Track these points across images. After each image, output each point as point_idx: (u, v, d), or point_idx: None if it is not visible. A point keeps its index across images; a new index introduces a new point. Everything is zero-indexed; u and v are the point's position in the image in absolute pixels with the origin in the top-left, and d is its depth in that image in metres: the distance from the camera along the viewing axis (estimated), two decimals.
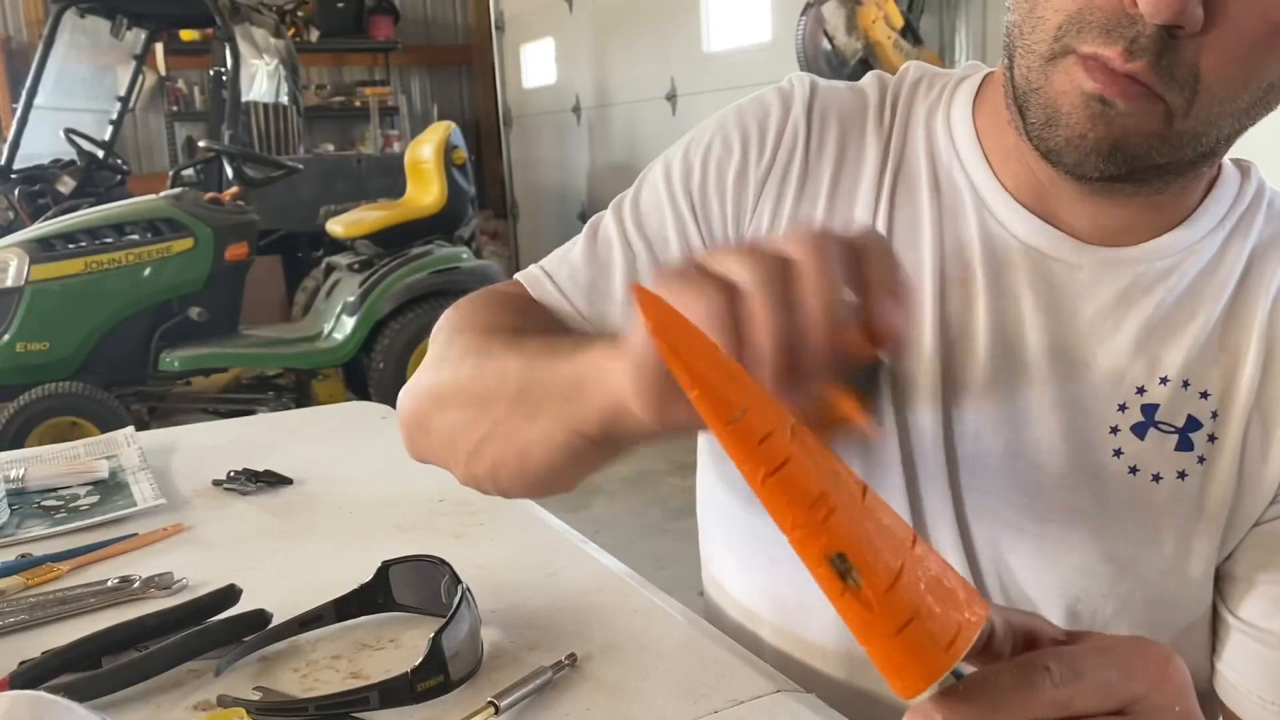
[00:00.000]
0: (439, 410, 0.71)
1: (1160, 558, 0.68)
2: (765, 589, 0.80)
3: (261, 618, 0.75)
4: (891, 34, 3.44)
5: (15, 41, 6.53)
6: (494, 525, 0.97)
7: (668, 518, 3.16)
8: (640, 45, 5.35)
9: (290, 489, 1.09)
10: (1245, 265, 0.69)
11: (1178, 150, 0.61)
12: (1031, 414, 0.69)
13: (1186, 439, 0.68)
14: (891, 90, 0.77)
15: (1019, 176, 0.70)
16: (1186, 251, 0.69)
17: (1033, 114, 0.62)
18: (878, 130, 0.75)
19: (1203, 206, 0.70)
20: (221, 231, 3.94)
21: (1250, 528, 0.69)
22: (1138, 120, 0.59)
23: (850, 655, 0.76)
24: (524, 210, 7.03)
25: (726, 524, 0.83)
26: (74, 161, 4.72)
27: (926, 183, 0.73)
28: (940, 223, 0.72)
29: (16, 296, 3.61)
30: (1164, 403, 0.68)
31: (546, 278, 0.80)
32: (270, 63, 5.16)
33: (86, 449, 1.22)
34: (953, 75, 0.77)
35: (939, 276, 0.71)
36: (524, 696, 0.66)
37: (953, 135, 0.73)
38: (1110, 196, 0.67)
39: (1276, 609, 0.67)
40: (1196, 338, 0.68)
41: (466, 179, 4.48)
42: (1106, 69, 0.57)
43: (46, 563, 0.89)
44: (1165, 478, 0.68)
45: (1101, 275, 0.69)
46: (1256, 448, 0.67)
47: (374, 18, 7.12)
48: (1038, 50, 0.61)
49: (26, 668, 0.68)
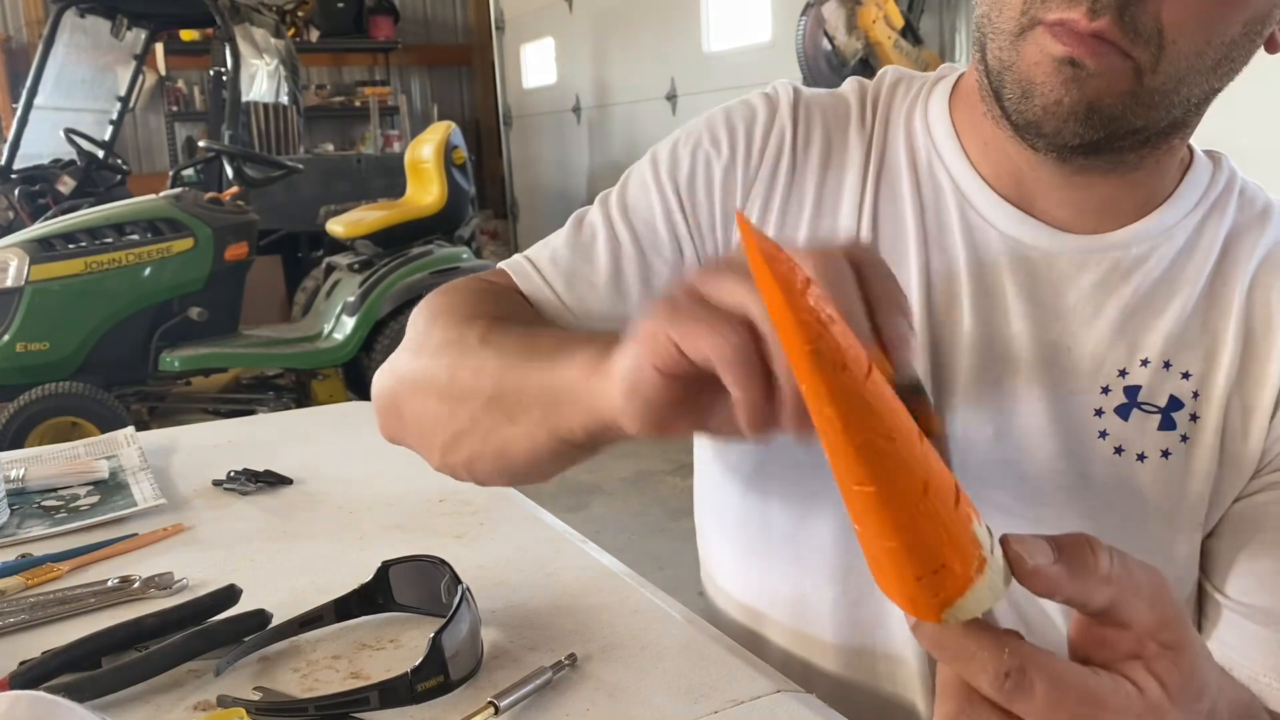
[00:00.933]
0: (414, 398, 0.72)
1: (1147, 536, 0.70)
2: (763, 586, 0.81)
3: (261, 618, 0.75)
4: (892, 34, 3.45)
5: (15, 41, 6.53)
6: (494, 525, 0.97)
7: (668, 518, 3.16)
8: (640, 45, 5.35)
9: (290, 489, 1.09)
10: (1221, 249, 0.71)
11: (1151, 110, 0.63)
12: (1018, 400, 0.71)
13: (1169, 418, 0.70)
14: (871, 93, 0.80)
15: (998, 168, 0.72)
16: (1163, 236, 0.71)
17: (1009, 90, 0.64)
18: (860, 133, 0.77)
19: (1177, 192, 0.72)
20: (221, 231, 3.94)
21: (1231, 503, 0.71)
22: (1109, 80, 0.61)
23: (849, 648, 0.77)
24: (524, 210, 7.03)
25: (724, 521, 0.84)
26: (74, 161, 4.72)
27: (908, 180, 0.75)
28: (923, 218, 0.74)
29: (16, 296, 3.61)
30: (1146, 384, 0.70)
31: (530, 265, 0.80)
32: (270, 63, 5.15)
33: (86, 449, 1.22)
34: (929, 76, 0.80)
35: (924, 270, 0.73)
36: (524, 696, 0.66)
37: (931, 132, 0.76)
38: (1088, 176, 0.69)
39: (1262, 585, 0.68)
40: (1176, 320, 0.70)
41: (466, 179, 4.48)
42: (1073, 32, 0.60)
43: (46, 563, 0.89)
44: (1150, 457, 0.70)
45: (1081, 262, 0.71)
46: (1237, 426, 0.70)
47: (374, 18, 7.12)
48: (1007, 29, 0.63)
49: (26, 668, 0.68)
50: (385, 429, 0.77)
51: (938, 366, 0.72)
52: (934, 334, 0.72)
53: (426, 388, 0.71)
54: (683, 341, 0.47)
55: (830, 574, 0.76)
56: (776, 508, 0.78)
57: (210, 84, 6.31)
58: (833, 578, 0.76)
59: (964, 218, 0.73)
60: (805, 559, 0.77)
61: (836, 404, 0.36)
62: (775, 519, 0.78)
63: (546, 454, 0.62)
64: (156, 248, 3.80)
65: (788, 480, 0.76)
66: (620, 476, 3.77)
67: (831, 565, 0.76)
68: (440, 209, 4.36)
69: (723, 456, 0.81)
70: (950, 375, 0.72)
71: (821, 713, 0.66)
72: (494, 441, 0.64)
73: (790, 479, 0.76)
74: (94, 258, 3.71)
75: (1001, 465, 0.71)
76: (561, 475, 0.69)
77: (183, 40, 6.44)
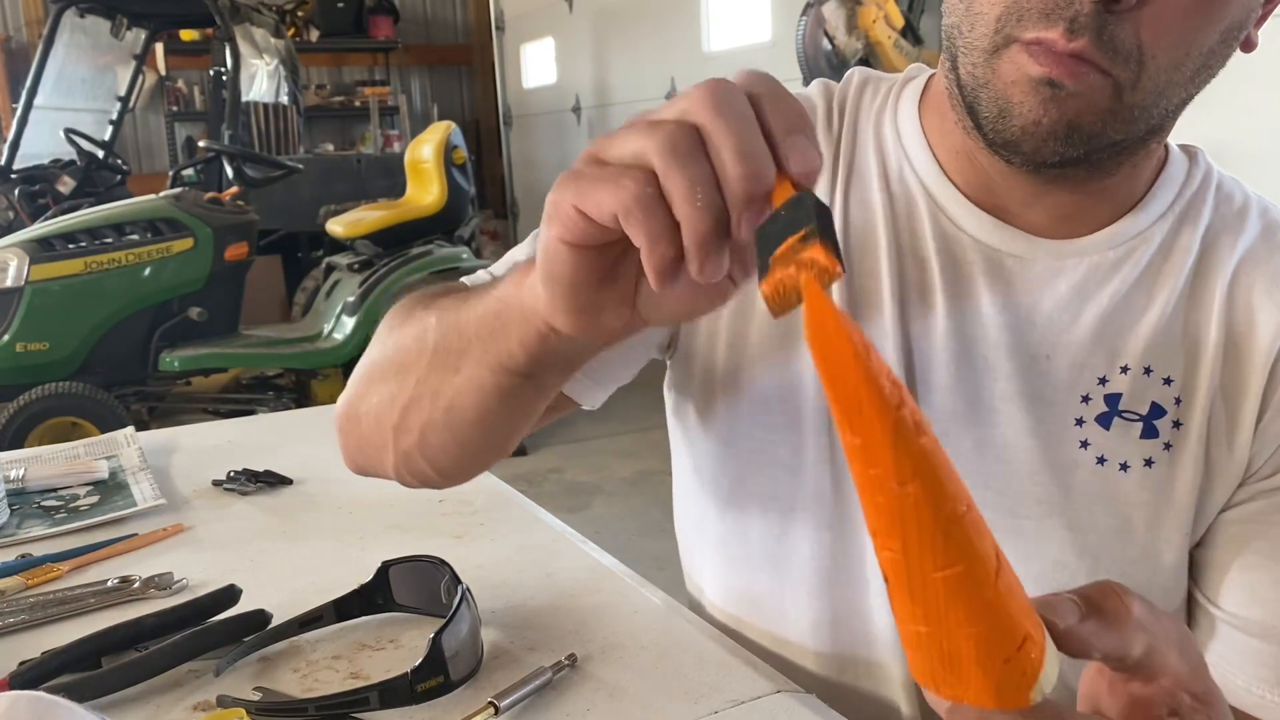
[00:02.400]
0: (366, 392, 0.69)
1: (1133, 546, 0.69)
2: (743, 594, 0.81)
3: (261, 618, 0.75)
4: (892, 34, 3.44)
5: (15, 41, 6.53)
6: (494, 525, 0.97)
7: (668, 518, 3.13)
8: (640, 45, 5.35)
9: (290, 489, 1.09)
10: (1200, 248, 0.70)
11: (1130, 125, 0.62)
12: (997, 411, 0.70)
13: (1151, 426, 0.68)
14: (838, 96, 0.78)
15: (968, 174, 0.71)
16: (1139, 239, 0.70)
17: (985, 109, 0.62)
18: (827, 136, 0.76)
19: (1151, 192, 0.71)
20: (221, 231, 3.93)
21: (1219, 513, 0.70)
22: (1088, 98, 0.59)
23: (829, 653, 0.76)
24: (524, 210, 7.03)
25: (705, 533, 0.83)
26: (74, 161, 4.71)
27: (878, 185, 0.73)
28: (894, 225, 0.72)
29: (16, 296, 3.60)
30: (1126, 391, 0.69)
31: (487, 274, 0.79)
32: (270, 63, 5.15)
33: (86, 449, 1.22)
34: (897, 78, 0.78)
35: (897, 279, 0.71)
36: (524, 697, 0.66)
37: (901, 137, 0.74)
38: (1062, 184, 0.67)
39: (1254, 597, 0.68)
40: (1155, 324, 0.68)
41: (466, 179, 4.48)
42: (1050, 52, 0.58)
43: (46, 563, 0.89)
44: (1132, 466, 0.69)
45: (1056, 268, 0.69)
46: (1222, 432, 0.68)
47: (374, 18, 7.11)
48: (980, 46, 0.62)
49: (26, 668, 0.68)
50: (346, 450, 0.73)
51: (913, 376, 0.71)
52: (909, 343, 0.71)
53: (375, 374, 0.68)
54: (582, 203, 0.45)
55: (812, 587, 0.75)
56: (755, 520, 0.77)
57: (210, 84, 6.30)
58: (815, 590, 0.75)
59: (936, 224, 0.71)
60: (786, 571, 0.76)
61: (922, 478, 0.32)
62: (754, 532, 0.77)
63: (494, 393, 0.59)
64: (156, 248, 3.80)
65: (765, 495, 0.76)
66: (620, 476, 3.77)
67: (813, 578, 0.75)
68: (440, 209, 4.35)
69: (700, 472, 0.81)
70: (927, 386, 0.70)
71: (821, 713, 0.66)
72: (442, 400, 0.61)
73: (768, 493, 0.75)
74: (94, 258, 3.70)
75: (982, 477, 0.70)
76: (561, 475, 0.68)
77: (183, 40, 6.44)
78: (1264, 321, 0.68)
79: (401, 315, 0.69)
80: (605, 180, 0.44)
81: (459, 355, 0.59)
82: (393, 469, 0.69)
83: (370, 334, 0.73)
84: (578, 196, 0.45)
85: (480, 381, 0.59)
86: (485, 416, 0.61)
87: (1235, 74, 0.66)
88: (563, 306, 0.49)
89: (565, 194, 0.46)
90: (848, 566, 0.74)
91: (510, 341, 0.55)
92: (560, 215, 0.46)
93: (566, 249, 0.47)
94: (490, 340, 0.57)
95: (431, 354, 0.61)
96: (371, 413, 0.68)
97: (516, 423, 0.63)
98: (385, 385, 0.66)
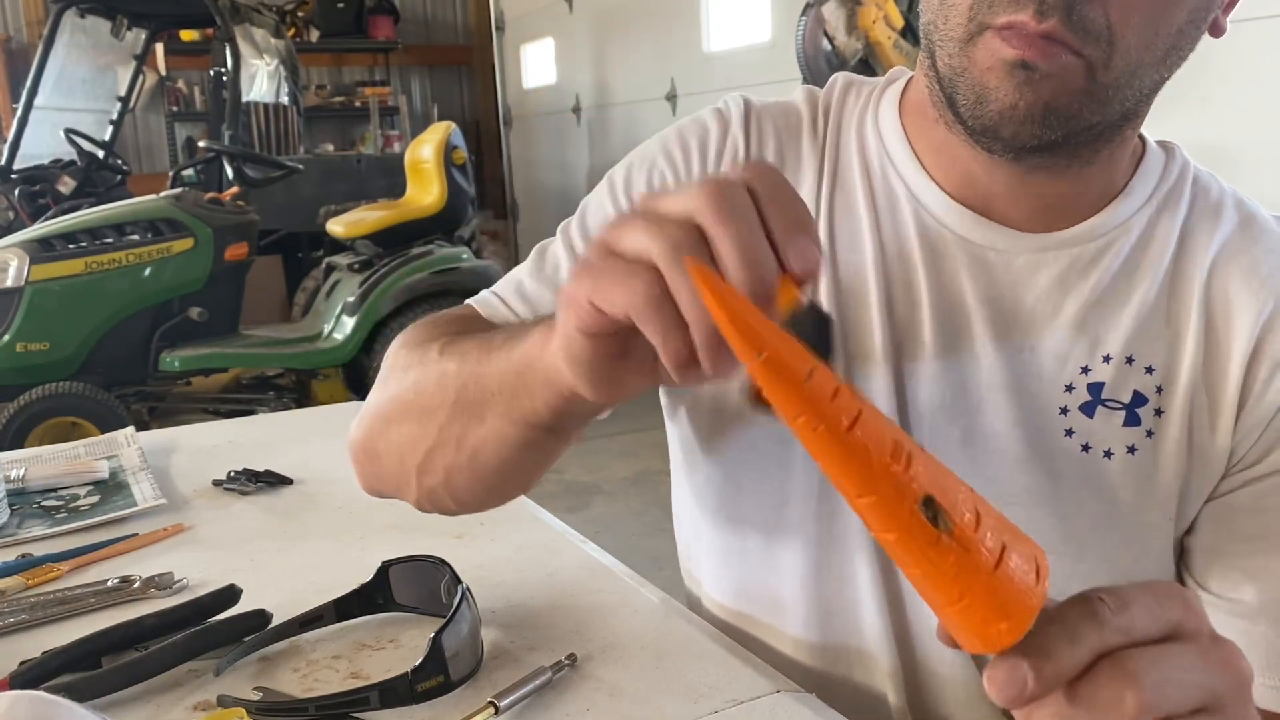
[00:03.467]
0: (385, 430, 0.71)
1: (1119, 532, 0.70)
2: (740, 591, 0.81)
3: (261, 618, 0.75)
4: (892, 34, 3.44)
5: (15, 41, 6.53)
6: (494, 525, 0.97)
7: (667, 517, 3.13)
8: (640, 45, 5.35)
9: (290, 489, 1.09)
10: (1178, 240, 0.71)
11: (1105, 106, 0.63)
12: (984, 402, 0.71)
13: (1134, 414, 0.70)
14: (823, 102, 0.80)
15: (950, 171, 0.72)
16: (1119, 230, 0.71)
17: (962, 96, 0.64)
18: (813, 142, 0.77)
19: (1130, 185, 0.72)
20: (221, 231, 3.94)
21: (1206, 501, 0.71)
22: (1062, 79, 0.61)
23: (826, 647, 0.77)
24: (524, 210, 7.03)
25: (699, 528, 0.84)
26: (74, 161, 4.71)
27: (861, 188, 0.75)
28: (879, 226, 0.74)
29: (16, 296, 3.61)
30: (1109, 380, 0.70)
31: (496, 298, 0.80)
32: (270, 63, 5.15)
33: (86, 449, 1.22)
34: (879, 82, 0.80)
35: (883, 278, 0.73)
36: (524, 696, 0.66)
37: (883, 138, 0.76)
38: (1042, 175, 0.69)
39: (1245, 578, 0.69)
40: (1136, 314, 0.70)
41: (466, 179, 4.48)
42: (1022, 34, 0.60)
43: (46, 563, 0.89)
44: (1116, 454, 0.70)
45: (1038, 261, 0.71)
46: (1204, 419, 0.70)
47: (374, 18, 7.11)
48: (955, 36, 0.63)
49: (26, 668, 0.68)
50: (363, 477, 0.75)
51: (901, 369, 0.72)
52: (896, 339, 0.72)
53: (393, 414, 0.70)
54: (597, 299, 0.46)
55: (804, 580, 0.76)
56: (749, 516, 0.78)
57: (210, 84, 6.30)
58: (806, 583, 0.76)
59: (920, 223, 0.73)
60: (779, 566, 0.77)
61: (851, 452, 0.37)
62: (748, 527, 0.78)
63: (518, 445, 0.61)
64: (156, 248, 3.80)
65: (758, 492, 0.77)
66: (620, 476, 3.77)
67: (804, 571, 0.76)
68: (440, 209, 4.36)
69: (696, 471, 0.82)
70: (914, 378, 0.72)
71: (822, 713, 0.66)
72: (466, 448, 0.64)
73: (760, 489, 0.77)
74: (94, 258, 3.70)
75: (969, 466, 0.71)
76: (561, 475, 0.69)
77: (183, 40, 6.44)
78: (1241, 311, 0.69)
79: (415, 352, 0.70)
80: (616, 278, 0.46)
81: (482, 406, 0.61)
82: (414, 502, 0.72)
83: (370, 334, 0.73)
84: (591, 293, 0.47)
85: (504, 434, 0.61)
86: (508, 463, 0.63)
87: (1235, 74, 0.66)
88: (586, 381, 0.51)
89: (580, 288, 0.47)
90: (839, 561, 0.75)
91: (535, 401, 0.57)
92: (576, 308, 0.48)
93: (582, 338, 0.49)
94: (514, 397, 0.58)
95: (454, 403, 0.63)
96: (393, 451, 0.70)
97: (539, 466, 0.65)
98: (405, 427, 0.68)
